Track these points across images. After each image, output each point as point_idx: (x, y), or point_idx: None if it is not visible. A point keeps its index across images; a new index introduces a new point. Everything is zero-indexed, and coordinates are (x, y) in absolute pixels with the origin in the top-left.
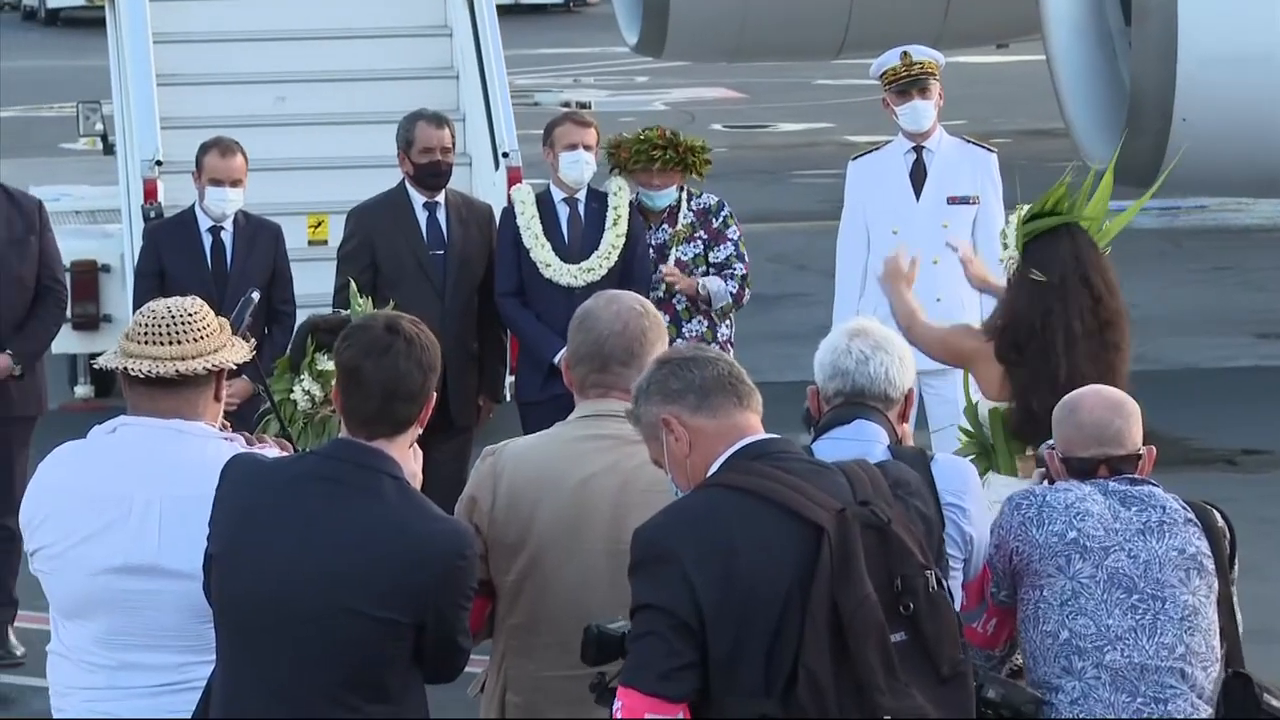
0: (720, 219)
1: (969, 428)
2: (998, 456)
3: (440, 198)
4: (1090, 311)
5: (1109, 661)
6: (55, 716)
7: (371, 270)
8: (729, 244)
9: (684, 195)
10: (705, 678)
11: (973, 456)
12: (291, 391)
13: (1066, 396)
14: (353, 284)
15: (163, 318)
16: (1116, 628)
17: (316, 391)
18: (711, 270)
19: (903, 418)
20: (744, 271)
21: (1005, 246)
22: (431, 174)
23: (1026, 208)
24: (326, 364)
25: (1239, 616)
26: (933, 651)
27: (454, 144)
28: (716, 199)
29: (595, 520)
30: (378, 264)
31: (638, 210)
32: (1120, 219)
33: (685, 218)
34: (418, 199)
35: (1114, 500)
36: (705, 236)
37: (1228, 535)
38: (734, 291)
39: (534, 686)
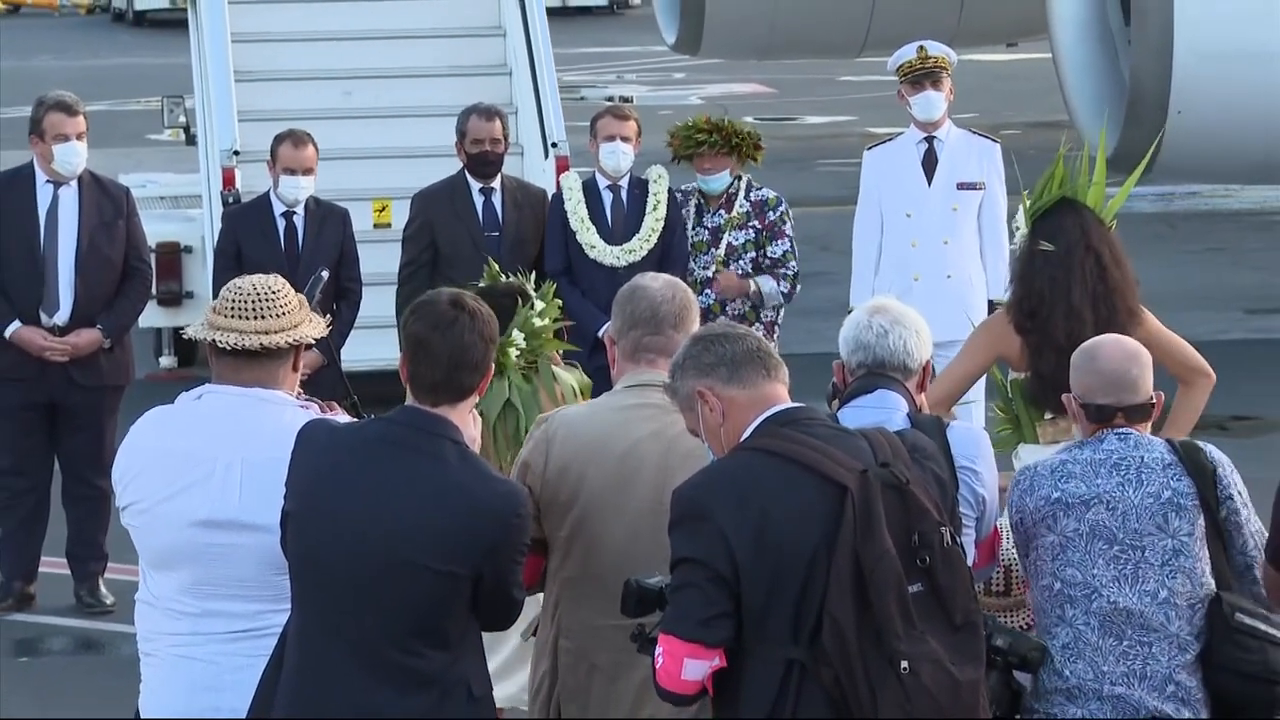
0: (777, 214)
1: (1003, 404)
2: (1024, 427)
3: (496, 183)
4: (1097, 278)
5: (1096, 608)
6: (143, 660)
7: (432, 249)
8: (785, 240)
9: (743, 185)
10: (738, 625)
11: (1007, 431)
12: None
13: (1085, 344)
14: (491, 263)
15: (248, 294)
16: (1101, 577)
17: (521, 344)
18: (766, 263)
19: (921, 388)
20: (796, 269)
21: (1016, 229)
22: (481, 163)
23: (1028, 193)
24: (536, 322)
25: (1254, 534)
26: (947, 601)
27: (505, 136)
28: (775, 194)
29: (641, 482)
30: (437, 244)
31: (699, 195)
32: (1118, 196)
33: (741, 206)
34: (474, 185)
35: (1100, 455)
36: (759, 227)
37: (1215, 469)
38: (785, 291)
39: (584, 633)
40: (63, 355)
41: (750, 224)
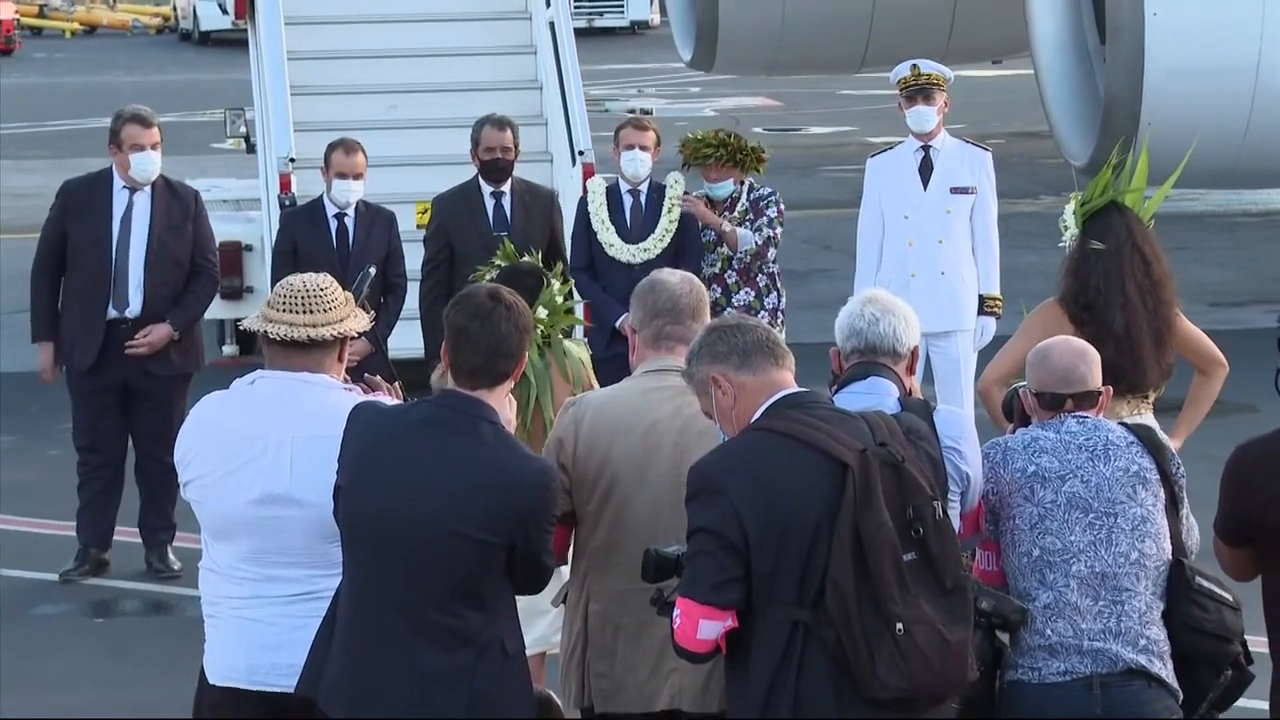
0: (765, 201)
1: None
2: None
3: (506, 187)
4: (1143, 273)
5: (1075, 571)
6: (207, 621)
7: (448, 248)
8: (764, 218)
9: (745, 189)
10: (749, 590)
11: None
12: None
13: (1039, 344)
14: (506, 242)
15: (298, 291)
16: (1078, 542)
17: (544, 318)
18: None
19: (910, 371)
20: (771, 234)
21: (1065, 229)
22: (493, 169)
23: (1078, 195)
24: (558, 299)
25: (1190, 519)
26: (938, 568)
27: (516, 144)
28: (770, 190)
29: (661, 457)
30: (452, 243)
31: (704, 200)
32: (1155, 198)
33: (742, 207)
34: (486, 189)
35: (1065, 436)
36: (753, 219)
37: (1166, 448)
38: (758, 243)
39: (611, 598)
40: (141, 350)
41: (746, 220)
